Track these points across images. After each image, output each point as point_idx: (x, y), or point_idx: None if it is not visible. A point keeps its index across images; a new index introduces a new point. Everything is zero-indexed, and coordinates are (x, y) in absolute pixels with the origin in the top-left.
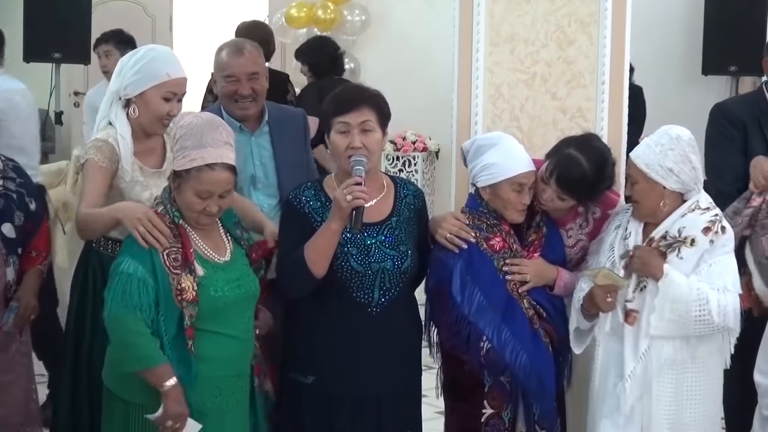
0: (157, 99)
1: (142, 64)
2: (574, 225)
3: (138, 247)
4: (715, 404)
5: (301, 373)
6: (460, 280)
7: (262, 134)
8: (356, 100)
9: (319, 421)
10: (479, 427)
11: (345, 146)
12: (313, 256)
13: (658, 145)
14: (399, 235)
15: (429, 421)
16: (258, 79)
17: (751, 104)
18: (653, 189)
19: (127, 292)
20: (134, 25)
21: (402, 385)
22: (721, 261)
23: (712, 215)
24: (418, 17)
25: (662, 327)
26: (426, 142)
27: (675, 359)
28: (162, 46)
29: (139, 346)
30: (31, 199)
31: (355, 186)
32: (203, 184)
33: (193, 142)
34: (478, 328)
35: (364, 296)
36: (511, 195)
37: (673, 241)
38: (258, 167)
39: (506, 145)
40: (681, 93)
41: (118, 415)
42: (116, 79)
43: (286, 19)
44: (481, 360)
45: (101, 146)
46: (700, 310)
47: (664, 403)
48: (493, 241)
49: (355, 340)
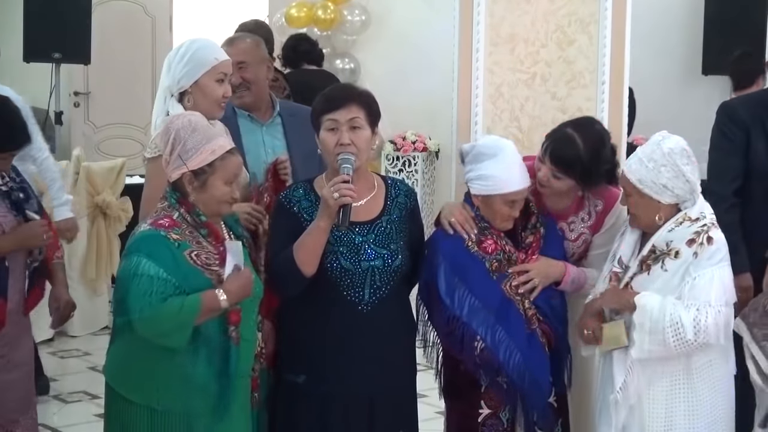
0: (212, 83)
1: (190, 55)
2: (576, 218)
3: (156, 246)
4: (720, 412)
5: (293, 373)
6: (446, 282)
7: (274, 125)
8: (345, 97)
9: (312, 421)
10: (476, 428)
11: (334, 143)
12: (302, 254)
13: (651, 161)
14: (390, 234)
15: (429, 421)
16: (247, 67)
17: (757, 104)
18: (648, 204)
19: (148, 292)
20: (134, 25)
21: (395, 384)
22: (706, 274)
23: (699, 226)
24: (418, 17)
25: (644, 354)
26: (426, 142)
27: (664, 371)
28: (201, 37)
29: (174, 313)
30: (30, 195)
31: (342, 184)
32: (231, 170)
33: (202, 137)
34: (471, 328)
35: (355, 295)
36: (502, 208)
37: (659, 254)
38: (270, 155)
39: (505, 158)
40: (681, 93)
41: (120, 414)
42: (167, 75)
43: (286, 19)
44: (476, 360)
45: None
46: (676, 334)
47: (657, 415)
48: (485, 244)
49: (346, 338)
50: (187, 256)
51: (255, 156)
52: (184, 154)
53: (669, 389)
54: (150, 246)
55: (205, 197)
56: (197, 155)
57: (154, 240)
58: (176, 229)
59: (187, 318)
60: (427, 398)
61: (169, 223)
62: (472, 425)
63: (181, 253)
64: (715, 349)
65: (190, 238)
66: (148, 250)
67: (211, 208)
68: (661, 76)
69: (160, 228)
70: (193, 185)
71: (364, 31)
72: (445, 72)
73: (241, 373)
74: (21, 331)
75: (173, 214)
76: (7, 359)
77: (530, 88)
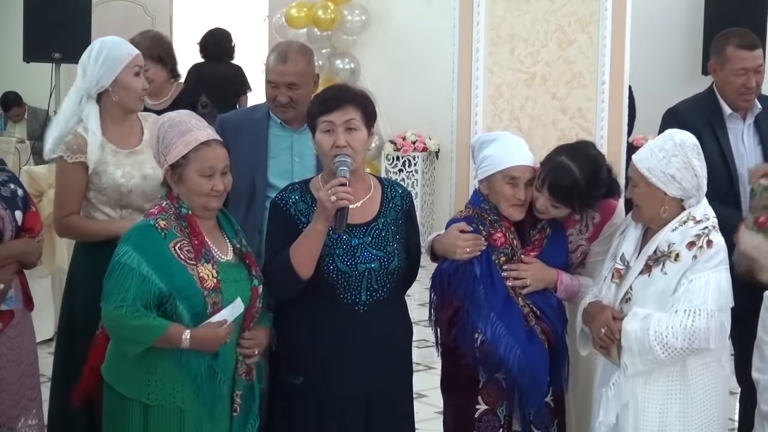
0: (130, 77)
1: (104, 55)
2: (574, 231)
3: (146, 239)
4: (713, 414)
5: (290, 374)
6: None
7: (305, 132)
8: (340, 99)
9: (309, 422)
10: (473, 423)
11: (330, 145)
12: (298, 257)
13: (662, 150)
14: (386, 236)
15: (429, 421)
16: (297, 88)
17: (703, 107)
18: (654, 195)
19: (124, 287)
20: (134, 25)
21: (391, 384)
22: (702, 277)
23: (701, 228)
24: (418, 17)
25: (641, 372)
26: (426, 142)
27: (661, 371)
28: (108, 37)
29: (138, 328)
30: (17, 186)
31: (339, 187)
32: (205, 161)
33: (179, 131)
34: (472, 320)
35: (351, 297)
36: (504, 188)
37: (660, 256)
38: (296, 163)
39: (505, 140)
40: (681, 93)
41: (113, 408)
42: (83, 78)
43: (286, 19)
44: (476, 353)
45: (71, 142)
46: (664, 347)
47: (651, 415)
48: (495, 236)
49: (343, 339)
50: (173, 249)
51: (279, 161)
52: (164, 150)
53: (665, 389)
54: (139, 238)
55: (183, 190)
56: (173, 149)
57: (144, 231)
58: (164, 215)
59: (146, 338)
60: (427, 398)
61: (158, 210)
62: (468, 420)
63: (167, 246)
64: (711, 352)
65: (175, 224)
66: (137, 242)
67: (191, 200)
68: (661, 76)
69: (150, 217)
70: (174, 179)
71: (364, 31)
72: (445, 72)
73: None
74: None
75: (162, 203)
76: (7, 358)
77: (530, 88)
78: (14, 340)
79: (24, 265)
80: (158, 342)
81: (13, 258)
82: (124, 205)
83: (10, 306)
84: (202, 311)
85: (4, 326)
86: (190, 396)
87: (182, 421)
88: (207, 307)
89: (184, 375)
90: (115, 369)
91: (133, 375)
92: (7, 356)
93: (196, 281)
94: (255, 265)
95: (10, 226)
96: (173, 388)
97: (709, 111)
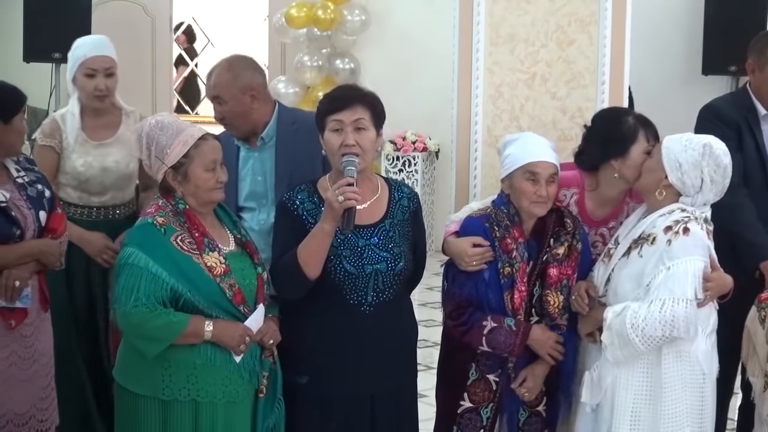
0: (82, 78)
1: (71, 53)
2: (616, 223)
3: (148, 237)
4: (684, 407)
5: (295, 374)
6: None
7: (265, 149)
8: (350, 98)
9: (313, 421)
10: (454, 417)
11: (338, 144)
12: (305, 257)
13: (689, 141)
14: (393, 237)
15: (429, 421)
16: (223, 103)
17: (740, 104)
18: (657, 171)
19: (135, 287)
20: (134, 25)
21: (396, 385)
22: (681, 265)
23: (682, 216)
24: (418, 17)
25: (623, 360)
26: (426, 142)
27: (642, 356)
28: (87, 36)
29: (159, 326)
30: (45, 187)
31: (347, 187)
32: (208, 155)
33: (172, 132)
34: (477, 316)
35: (358, 298)
36: (524, 184)
37: (640, 239)
38: (260, 182)
39: (526, 138)
40: (681, 93)
41: (129, 409)
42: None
43: (285, 19)
44: (483, 342)
45: (45, 125)
46: (642, 336)
47: (626, 398)
48: (507, 241)
49: (348, 340)
50: (174, 242)
51: (246, 183)
52: (159, 154)
53: (640, 376)
54: (141, 237)
55: (191, 188)
56: (172, 151)
57: (145, 230)
58: (161, 212)
59: (170, 336)
60: (427, 398)
61: (155, 209)
62: (451, 413)
63: (168, 240)
64: (685, 343)
65: (173, 220)
66: (140, 241)
67: (198, 196)
68: (661, 76)
69: (147, 216)
70: (177, 180)
71: (364, 31)
72: (445, 72)
73: (245, 364)
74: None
75: (159, 201)
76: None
77: (530, 88)
78: (27, 339)
79: (44, 265)
80: (182, 338)
81: (32, 256)
82: (83, 190)
83: (26, 304)
84: (220, 298)
85: (17, 324)
86: (206, 386)
87: (197, 413)
88: (225, 293)
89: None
90: (128, 369)
91: (147, 372)
92: (19, 353)
93: (204, 270)
94: (256, 253)
95: (32, 226)
96: (188, 381)
97: (744, 108)
